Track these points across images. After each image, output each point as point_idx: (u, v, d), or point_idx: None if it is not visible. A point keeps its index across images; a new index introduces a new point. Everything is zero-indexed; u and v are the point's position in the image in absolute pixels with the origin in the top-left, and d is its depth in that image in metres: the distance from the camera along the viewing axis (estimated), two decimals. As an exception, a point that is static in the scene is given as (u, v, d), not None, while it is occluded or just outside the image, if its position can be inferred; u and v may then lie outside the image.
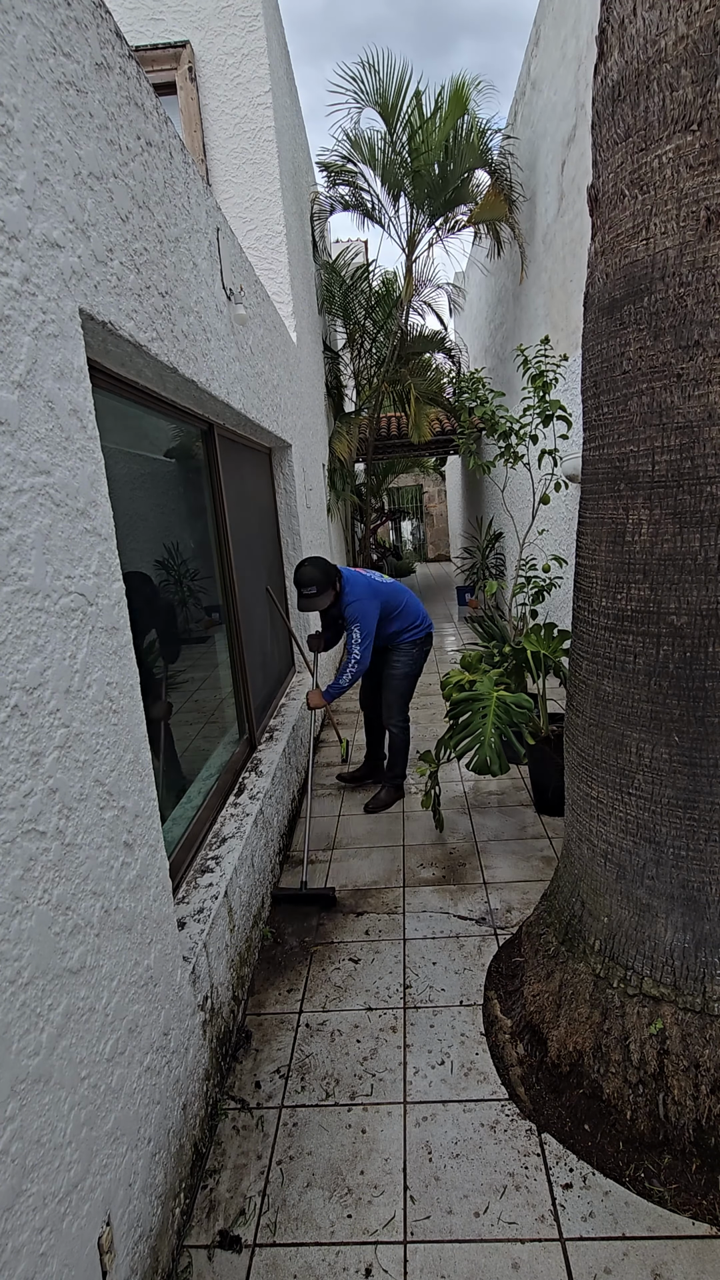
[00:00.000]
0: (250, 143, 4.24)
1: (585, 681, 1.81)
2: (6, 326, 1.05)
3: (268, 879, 2.75)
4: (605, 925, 1.80)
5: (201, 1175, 1.69)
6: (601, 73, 1.57)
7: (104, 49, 1.44)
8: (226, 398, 2.46)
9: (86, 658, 1.24)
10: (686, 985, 1.64)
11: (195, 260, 2.11)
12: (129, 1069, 1.33)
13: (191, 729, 2.60)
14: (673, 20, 1.35)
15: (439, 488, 18.22)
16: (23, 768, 1.03)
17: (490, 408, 4.27)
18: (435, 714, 4.95)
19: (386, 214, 6.63)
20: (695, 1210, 1.50)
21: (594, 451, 1.73)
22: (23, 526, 1.06)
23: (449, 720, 3.04)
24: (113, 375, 1.74)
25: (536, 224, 5.72)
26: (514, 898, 2.68)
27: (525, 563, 4.48)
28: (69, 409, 1.22)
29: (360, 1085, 1.90)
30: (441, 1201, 1.57)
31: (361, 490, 9.12)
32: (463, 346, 9.40)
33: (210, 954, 1.92)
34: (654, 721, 1.60)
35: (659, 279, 1.44)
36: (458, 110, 5.76)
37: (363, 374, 8.43)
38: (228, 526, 2.89)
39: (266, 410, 3.33)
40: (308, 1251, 1.50)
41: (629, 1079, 1.66)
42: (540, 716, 3.34)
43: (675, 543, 1.50)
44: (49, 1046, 1.05)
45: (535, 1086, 1.82)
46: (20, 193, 1.09)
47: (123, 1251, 1.25)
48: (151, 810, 1.52)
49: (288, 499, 4.38)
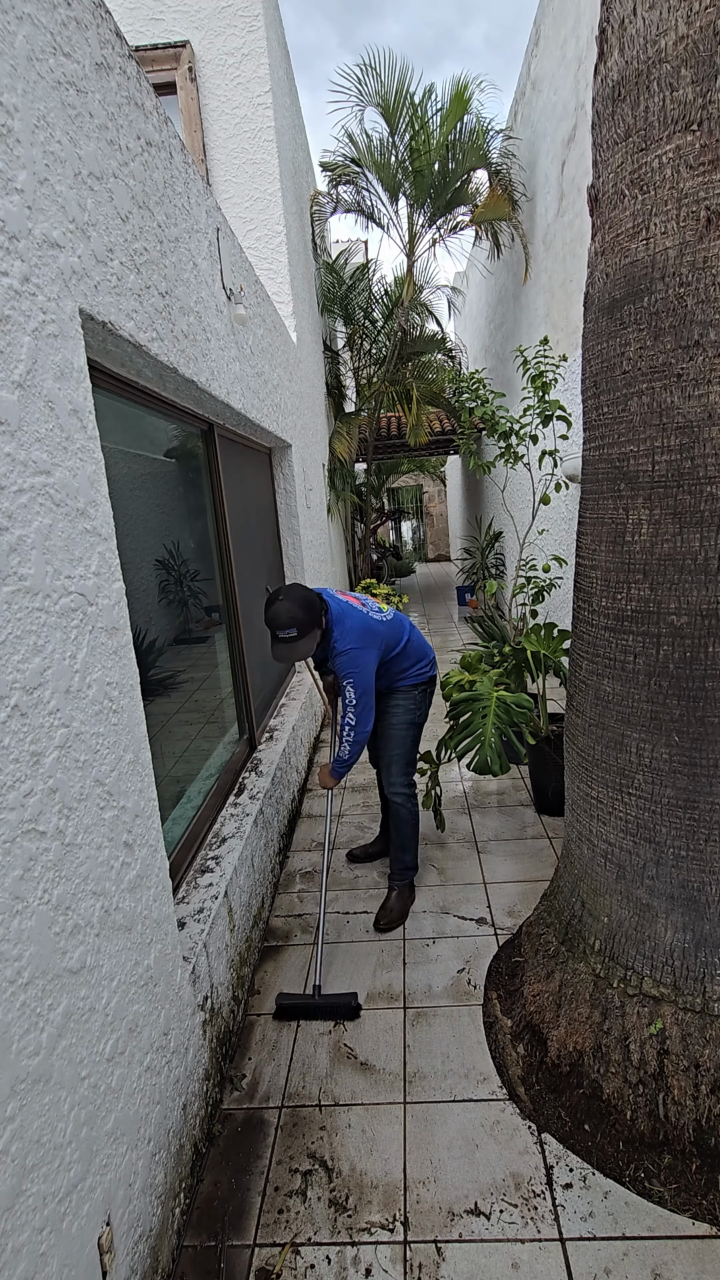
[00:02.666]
0: (250, 143, 4.24)
1: (585, 681, 1.81)
2: (6, 326, 1.05)
3: (268, 879, 2.75)
4: (605, 925, 1.80)
5: (201, 1175, 1.69)
6: (601, 73, 1.57)
7: (104, 49, 1.44)
8: (226, 398, 2.46)
9: (86, 658, 1.24)
10: (686, 985, 1.64)
11: (195, 260, 2.11)
12: (129, 1069, 1.33)
13: (192, 729, 2.60)
14: (673, 20, 1.35)
15: (439, 488, 18.22)
16: (23, 768, 1.03)
17: (490, 408, 4.27)
18: (435, 714, 4.94)
19: (387, 214, 6.64)
20: (695, 1210, 1.50)
21: (594, 451, 1.73)
22: (23, 526, 1.06)
23: (449, 720, 3.03)
24: (113, 375, 1.74)
25: (536, 224, 5.72)
26: (514, 898, 2.68)
27: (525, 563, 4.48)
28: (69, 409, 1.22)
29: (360, 1085, 1.90)
30: (441, 1201, 1.57)
31: (361, 490, 9.12)
32: (463, 346, 9.41)
33: (210, 954, 1.92)
34: (654, 721, 1.60)
35: (659, 279, 1.44)
36: (459, 110, 5.77)
37: (363, 374, 8.44)
38: (228, 526, 2.89)
39: (266, 410, 3.33)
40: (307, 1251, 1.50)
41: (629, 1079, 1.66)
42: (540, 716, 3.34)
43: (675, 543, 1.50)
44: (49, 1046, 1.05)
45: (535, 1086, 1.82)
46: (20, 193, 1.09)
47: (123, 1251, 1.25)
48: (151, 810, 1.52)
49: (288, 499, 4.38)
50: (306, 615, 2.20)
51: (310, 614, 2.21)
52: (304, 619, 2.19)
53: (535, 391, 3.76)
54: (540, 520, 5.45)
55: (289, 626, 2.17)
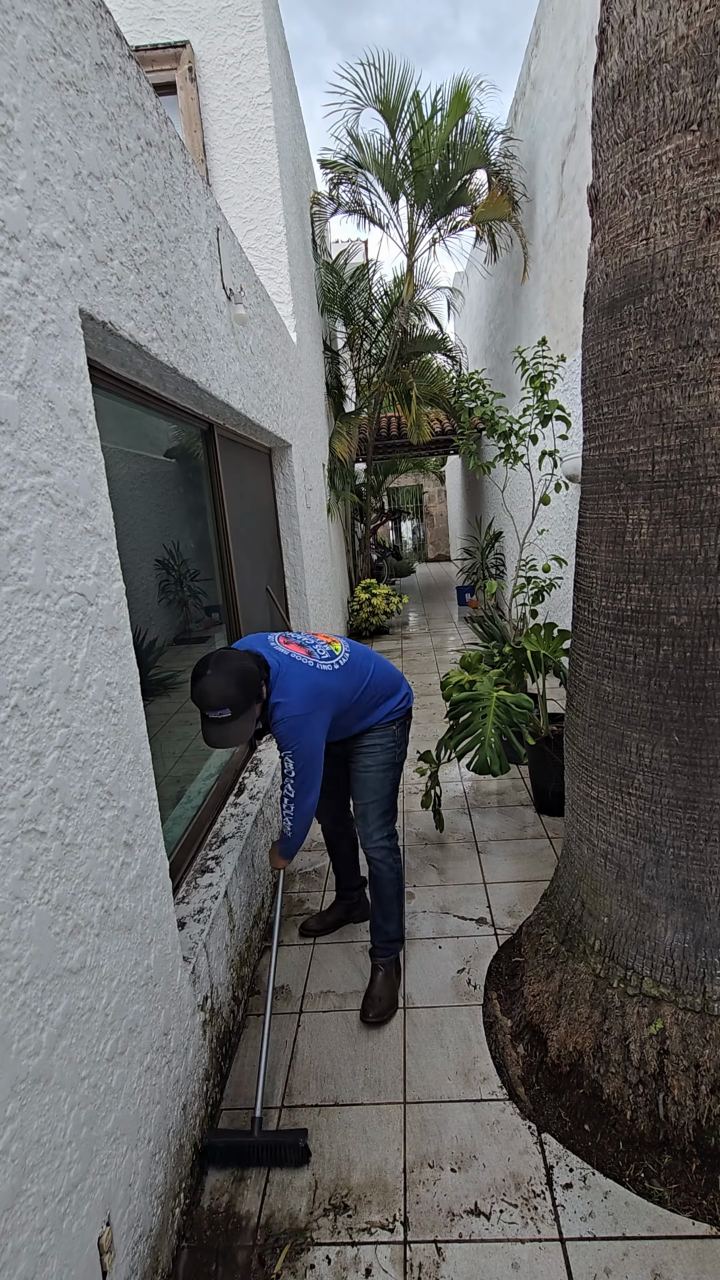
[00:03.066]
0: (250, 143, 4.24)
1: (585, 681, 1.81)
2: (6, 326, 1.05)
3: (268, 879, 2.75)
4: (605, 925, 1.80)
5: (201, 1175, 1.69)
6: (601, 73, 1.57)
7: (104, 49, 1.44)
8: (226, 398, 2.47)
9: (86, 658, 1.24)
10: (686, 985, 1.64)
11: (195, 260, 2.11)
12: (129, 1069, 1.33)
13: (191, 729, 2.60)
14: (673, 20, 1.35)
15: (439, 488, 18.23)
16: (23, 768, 1.03)
17: (490, 408, 4.27)
18: (435, 714, 4.95)
19: (387, 215, 6.64)
20: (695, 1210, 1.50)
21: (594, 451, 1.73)
22: (23, 526, 1.06)
23: (449, 720, 3.03)
24: (113, 375, 1.74)
25: (536, 224, 5.72)
26: (514, 898, 2.68)
27: (525, 563, 4.48)
28: (69, 409, 1.22)
29: (360, 1085, 1.90)
30: (441, 1201, 1.57)
31: (361, 490, 9.12)
32: (463, 347, 9.41)
33: (210, 954, 1.92)
34: (654, 721, 1.60)
35: (659, 279, 1.44)
36: (459, 110, 5.77)
37: (362, 374, 8.44)
38: (228, 526, 2.89)
39: (266, 410, 3.33)
40: (307, 1252, 1.50)
41: (629, 1079, 1.66)
42: (540, 716, 3.34)
43: (675, 543, 1.50)
44: (49, 1046, 1.05)
45: (535, 1086, 1.82)
46: (20, 193, 1.09)
47: (123, 1251, 1.25)
48: (151, 810, 1.52)
49: (288, 499, 4.38)
50: (242, 692, 1.80)
51: (246, 689, 1.81)
52: (238, 697, 1.79)
53: (534, 392, 3.76)
54: (540, 520, 5.45)
55: (220, 707, 1.78)
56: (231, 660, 1.85)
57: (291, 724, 1.91)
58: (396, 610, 8.16)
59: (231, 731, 1.83)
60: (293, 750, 1.93)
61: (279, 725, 1.92)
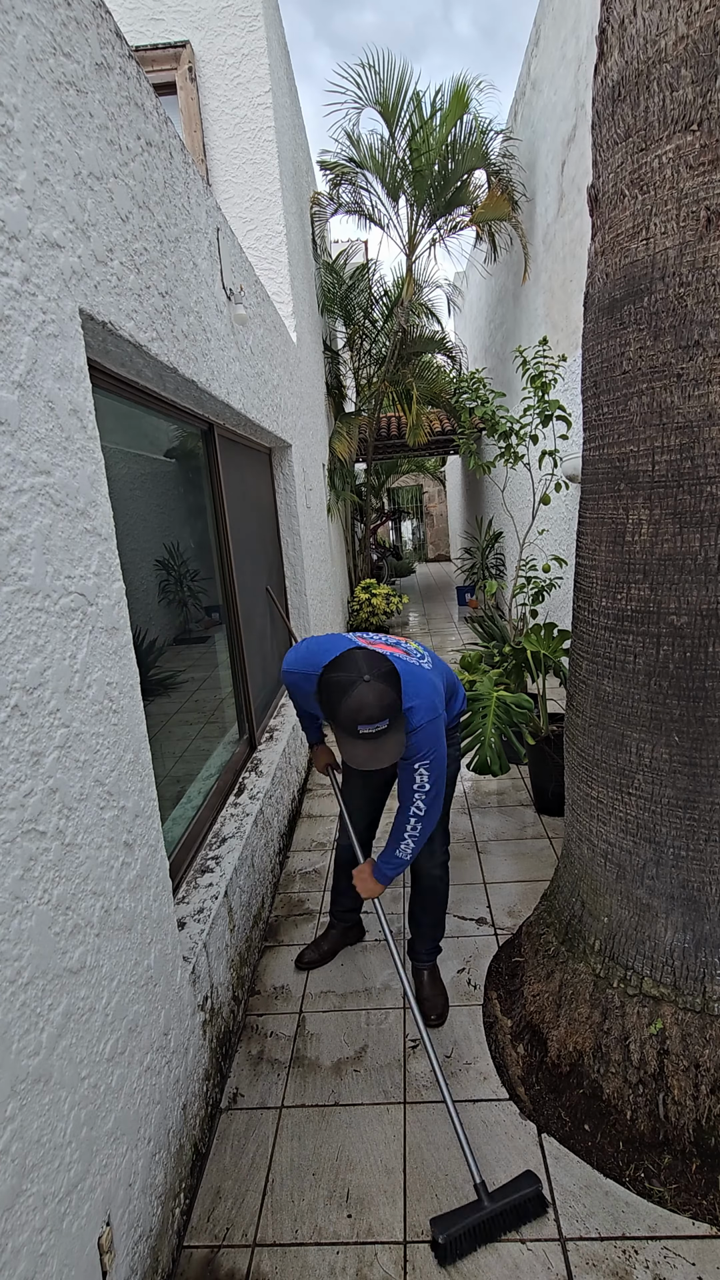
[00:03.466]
0: (250, 143, 4.24)
1: (585, 681, 1.81)
2: (6, 326, 1.05)
3: (268, 879, 2.75)
4: (605, 925, 1.80)
5: (201, 1175, 1.69)
6: (601, 73, 1.57)
7: (104, 49, 1.44)
8: (226, 398, 2.46)
9: (86, 658, 1.24)
10: (686, 985, 1.64)
11: (195, 260, 2.11)
12: (129, 1069, 1.33)
13: (191, 729, 2.60)
14: (673, 20, 1.35)
15: (439, 488, 18.23)
16: (23, 768, 1.03)
17: (490, 408, 4.27)
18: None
19: (387, 215, 6.64)
20: (695, 1210, 1.50)
21: (594, 451, 1.73)
22: (23, 526, 1.06)
23: (449, 720, 3.03)
24: (113, 375, 1.74)
25: (536, 224, 5.72)
26: (514, 898, 2.68)
27: (525, 563, 4.48)
28: (69, 409, 1.22)
29: (360, 1085, 1.90)
30: (442, 1201, 1.57)
31: (362, 490, 9.12)
32: (463, 347, 9.41)
33: (210, 954, 1.92)
34: (654, 721, 1.60)
35: (659, 279, 1.44)
36: (458, 110, 5.77)
37: (362, 374, 8.44)
38: (228, 526, 2.89)
39: (266, 410, 3.33)
40: (307, 1252, 1.50)
41: (629, 1079, 1.66)
42: (540, 716, 3.34)
43: (675, 543, 1.50)
44: (49, 1046, 1.05)
45: (535, 1086, 1.82)
46: (20, 193, 1.09)
47: (123, 1251, 1.25)
48: (152, 810, 1.52)
49: (288, 499, 4.38)
50: (398, 696, 1.56)
51: (398, 691, 1.57)
52: (397, 702, 1.56)
53: (535, 391, 3.76)
54: (540, 520, 5.45)
55: (381, 718, 1.52)
56: (377, 662, 1.58)
57: (429, 730, 1.71)
58: (396, 610, 8.16)
59: (389, 745, 1.58)
60: (430, 759, 1.72)
61: (416, 733, 1.70)
